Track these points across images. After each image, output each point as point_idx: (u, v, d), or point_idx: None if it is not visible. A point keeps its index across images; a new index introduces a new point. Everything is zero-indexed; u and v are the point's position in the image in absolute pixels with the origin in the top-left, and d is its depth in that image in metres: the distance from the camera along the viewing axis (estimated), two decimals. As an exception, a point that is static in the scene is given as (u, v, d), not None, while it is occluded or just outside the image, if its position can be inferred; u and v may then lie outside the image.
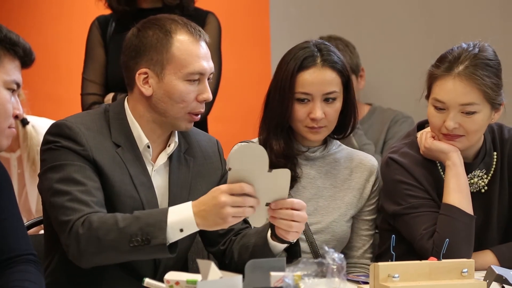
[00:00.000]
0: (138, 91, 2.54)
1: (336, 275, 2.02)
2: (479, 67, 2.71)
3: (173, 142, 2.59)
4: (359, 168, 2.92)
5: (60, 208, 2.42)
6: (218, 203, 2.30)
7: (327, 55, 2.80)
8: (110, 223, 2.37)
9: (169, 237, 2.33)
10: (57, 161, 2.47)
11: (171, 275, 2.22)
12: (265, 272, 2.15)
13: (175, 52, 2.50)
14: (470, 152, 2.85)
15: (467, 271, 2.33)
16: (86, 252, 2.37)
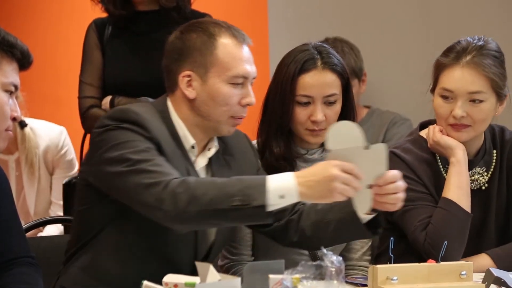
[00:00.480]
0: (181, 93, 2.53)
1: (334, 278, 2.02)
2: (486, 56, 2.77)
3: (213, 146, 2.58)
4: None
5: (141, 172, 2.36)
6: (329, 175, 2.29)
7: (327, 57, 2.80)
8: (208, 182, 2.35)
9: (269, 202, 2.30)
10: (121, 139, 2.43)
11: (169, 277, 2.21)
12: (264, 275, 2.15)
13: (219, 54, 2.50)
14: (472, 149, 2.86)
15: (466, 274, 2.33)
16: (185, 212, 2.32)
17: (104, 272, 2.48)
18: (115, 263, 2.48)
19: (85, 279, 2.49)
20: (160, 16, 3.52)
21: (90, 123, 3.56)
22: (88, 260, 2.51)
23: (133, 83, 3.51)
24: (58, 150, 3.94)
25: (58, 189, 3.87)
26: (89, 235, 2.52)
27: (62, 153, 3.95)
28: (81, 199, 2.54)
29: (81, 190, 2.54)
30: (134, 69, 3.53)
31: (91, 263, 2.50)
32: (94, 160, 2.47)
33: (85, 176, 2.52)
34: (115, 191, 2.44)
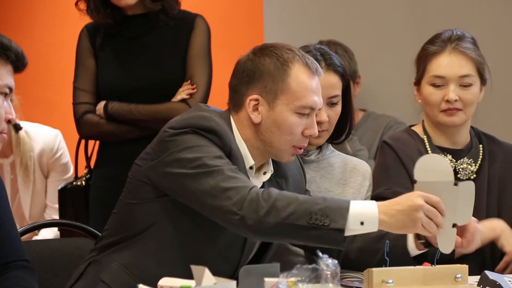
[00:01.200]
0: (246, 116, 2.52)
1: (330, 281, 2.01)
2: (468, 43, 2.92)
3: (268, 170, 2.57)
4: (353, 173, 2.93)
5: (219, 175, 2.36)
6: (414, 204, 2.28)
7: (330, 59, 2.83)
8: (290, 196, 2.34)
9: (348, 226, 2.29)
10: (197, 143, 2.42)
11: (164, 281, 2.21)
12: (259, 278, 2.15)
13: (291, 83, 2.48)
14: (460, 143, 2.94)
15: (461, 277, 2.33)
16: (264, 221, 2.31)
17: (144, 272, 2.46)
18: (157, 264, 2.47)
19: (126, 277, 2.48)
20: (149, 19, 3.50)
21: (85, 129, 3.55)
22: (131, 257, 2.49)
23: (126, 89, 3.50)
24: (53, 153, 3.93)
25: (53, 192, 3.87)
26: (134, 231, 2.50)
27: (57, 156, 3.94)
28: (133, 193, 2.52)
29: (134, 184, 2.52)
30: (127, 74, 3.51)
31: (134, 260, 2.49)
32: (161, 158, 2.45)
33: (145, 171, 2.49)
34: (181, 192, 2.42)
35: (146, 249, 2.48)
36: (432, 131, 2.96)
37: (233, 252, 2.51)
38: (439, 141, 2.94)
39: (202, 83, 3.50)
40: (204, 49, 3.53)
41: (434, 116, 2.91)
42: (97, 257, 2.54)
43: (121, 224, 2.54)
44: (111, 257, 2.51)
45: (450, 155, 2.92)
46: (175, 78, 3.50)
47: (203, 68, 3.51)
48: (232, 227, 2.38)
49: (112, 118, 3.48)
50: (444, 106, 2.88)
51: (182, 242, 2.48)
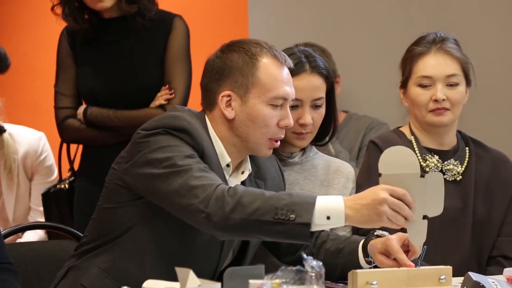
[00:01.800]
0: (220, 113, 2.52)
1: (314, 283, 2.02)
2: (452, 44, 2.95)
3: (246, 169, 2.57)
4: (337, 175, 2.93)
5: (186, 174, 2.35)
6: (378, 198, 2.27)
7: (314, 61, 2.83)
8: (256, 192, 2.34)
9: (314, 221, 2.29)
10: (167, 143, 2.42)
11: (149, 283, 2.20)
12: (244, 280, 2.15)
13: (260, 75, 2.49)
14: (448, 141, 2.97)
15: (445, 278, 2.34)
16: (229, 218, 2.30)
17: (125, 275, 2.46)
18: (137, 267, 2.46)
19: (106, 281, 2.47)
20: (126, 22, 3.46)
21: (66, 134, 3.54)
22: (110, 261, 2.49)
23: (105, 94, 3.47)
24: (38, 155, 3.92)
25: (37, 195, 3.85)
26: (112, 235, 2.50)
27: (42, 159, 3.93)
28: (109, 198, 2.53)
29: (111, 188, 2.52)
30: (106, 79, 3.48)
31: (113, 264, 2.49)
32: (134, 160, 2.45)
33: (120, 175, 2.50)
34: (153, 193, 2.42)
35: (125, 252, 2.48)
36: (419, 133, 2.97)
37: (212, 250, 2.51)
38: (426, 142, 2.96)
39: (180, 88, 3.46)
40: (182, 52, 3.49)
41: (423, 116, 2.92)
42: (76, 263, 2.54)
43: (99, 229, 2.54)
44: (90, 262, 2.51)
45: (437, 156, 2.94)
46: (154, 83, 3.46)
47: (181, 72, 3.48)
48: (200, 225, 2.37)
49: (91, 123, 3.46)
50: (432, 106, 2.90)
51: (160, 244, 2.47)
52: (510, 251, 2.93)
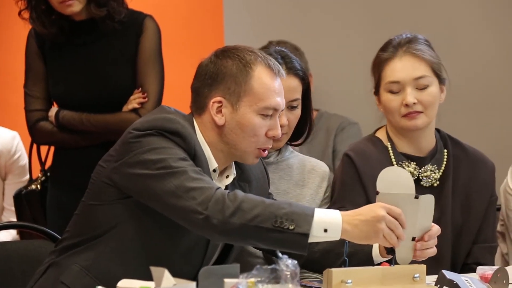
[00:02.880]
0: (210, 118, 2.51)
1: (289, 281, 2.02)
2: (419, 44, 2.91)
3: (231, 173, 2.57)
4: (312, 174, 2.94)
5: (183, 176, 2.36)
6: (376, 215, 2.30)
7: (290, 62, 2.83)
8: (256, 199, 2.34)
9: (312, 232, 2.30)
10: (161, 145, 2.41)
11: (123, 282, 2.20)
12: (219, 279, 2.15)
13: (253, 85, 2.48)
14: (424, 147, 2.94)
15: (419, 276, 2.35)
16: (229, 222, 2.31)
17: (106, 274, 2.44)
18: (120, 266, 2.45)
19: (87, 279, 2.46)
20: (96, 25, 3.40)
21: (38, 137, 3.49)
22: (92, 259, 2.47)
23: (76, 98, 3.43)
24: (11, 155, 3.89)
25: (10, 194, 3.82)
26: (96, 232, 2.49)
27: (15, 158, 3.90)
28: (95, 195, 2.51)
29: (97, 186, 2.50)
30: (76, 83, 3.42)
31: (95, 262, 2.47)
32: (125, 160, 2.44)
33: (108, 173, 2.48)
34: (144, 193, 2.41)
35: (108, 251, 2.47)
36: (395, 138, 2.94)
37: (196, 254, 2.51)
38: (403, 147, 2.93)
39: (153, 91, 3.42)
40: (154, 53, 3.44)
41: (396, 122, 2.90)
42: (57, 259, 2.52)
43: (83, 225, 2.52)
44: (71, 259, 2.49)
45: (414, 163, 2.91)
46: (126, 86, 3.41)
47: (153, 74, 3.43)
48: (196, 227, 2.37)
49: (63, 127, 3.43)
50: (404, 110, 2.87)
51: (145, 244, 2.47)
52: (484, 258, 2.93)
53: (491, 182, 2.98)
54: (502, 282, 2.43)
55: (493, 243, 2.98)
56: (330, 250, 2.59)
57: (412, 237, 2.38)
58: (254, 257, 2.83)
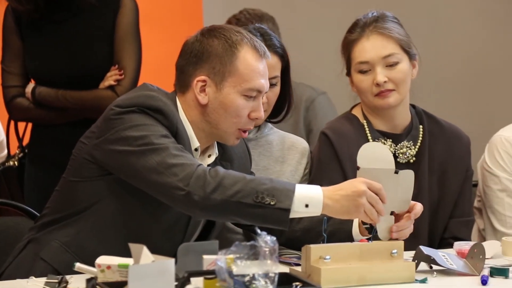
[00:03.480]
0: (193, 97, 2.50)
1: (268, 258, 2.02)
2: (386, 22, 2.91)
3: (213, 153, 2.57)
4: (291, 151, 2.94)
5: (164, 152, 2.35)
6: (357, 190, 2.31)
7: (270, 40, 2.83)
8: (237, 175, 2.35)
9: (293, 207, 2.31)
10: (143, 122, 2.41)
11: (102, 259, 2.20)
12: (198, 255, 2.15)
13: (239, 65, 2.48)
14: (400, 124, 2.95)
15: (397, 252, 2.36)
16: (210, 198, 2.31)
17: (86, 250, 2.44)
18: (99, 242, 2.45)
19: (67, 255, 2.46)
20: (74, 1, 3.35)
21: (15, 113, 3.48)
22: (72, 235, 2.47)
23: (53, 74, 3.40)
24: (-12, 131, 3.86)
25: (-12, 171, 3.80)
26: (76, 209, 2.48)
27: (-7, 135, 3.87)
28: (76, 171, 2.50)
29: (79, 162, 2.50)
30: (53, 60, 3.39)
31: (75, 238, 2.47)
32: (107, 136, 2.43)
33: (89, 149, 2.47)
34: (125, 169, 2.41)
35: (88, 227, 2.47)
36: (370, 116, 2.95)
37: (176, 232, 2.51)
38: (378, 124, 2.94)
39: (130, 68, 3.39)
40: (131, 30, 3.41)
41: (369, 101, 2.91)
42: (37, 235, 2.52)
43: (64, 201, 2.52)
44: (51, 235, 2.49)
45: (390, 140, 2.93)
46: (103, 63, 3.39)
47: (130, 51, 3.40)
48: (177, 203, 2.37)
49: (39, 103, 3.41)
50: (376, 90, 2.87)
51: (125, 221, 2.47)
52: (461, 232, 2.95)
53: (467, 157, 3.00)
54: (478, 257, 2.45)
55: (470, 217, 3.00)
56: (311, 229, 2.60)
57: (391, 211, 2.39)
58: (233, 233, 2.84)
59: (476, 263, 2.44)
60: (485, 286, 2.31)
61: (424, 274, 2.39)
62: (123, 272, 2.15)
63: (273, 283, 2.02)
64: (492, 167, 3.07)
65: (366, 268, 2.31)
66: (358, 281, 2.30)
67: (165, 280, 1.96)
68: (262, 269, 2.02)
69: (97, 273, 2.18)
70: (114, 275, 2.17)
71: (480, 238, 3.12)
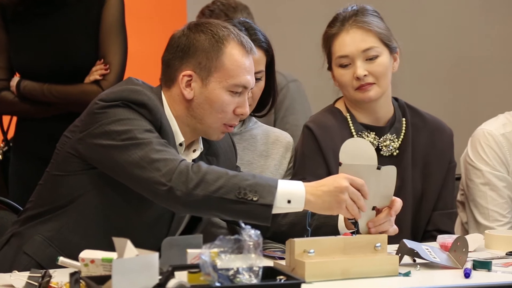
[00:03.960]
0: (178, 91, 2.50)
1: (252, 252, 2.03)
2: (366, 16, 2.91)
3: (198, 148, 2.57)
4: (276, 145, 2.95)
5: (147, 147, 2.35)
6: (339, 186, 2.31)
7: (255, 34, 2.83)
8: (220, 171, 2.34)
9: (275, 203, 2.31)
10: (127, 116, 2.40)
11: (86, 253, 2.19)
12: (182, 249, 2.16)
13: (225, 61, 2.48)
14: (383, 117, 2.95)
15: (380, 246, 2.37)
16: (192, 194, 2.31)
17: (69, 245, 2.44)
18: (82, 237, 2.45)
19: (50, 250, 2.46)
20: None
21: (0, 106, 3.47)
22: (56, 230, 2.47)
23: (38, 68, 3.39)
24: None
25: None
26: (59, 203, 2.48)
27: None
28: (60, 165, 2.50)
29: (62, 156, 2.49)
30: (38, 54, 3.37)
31: (58, 233, 2.47)
32: (90, 130, 2.43)
33: (73, 143, 2.47)
34: (109, 163, 2.41)
35: (72, 222, 2.47)
36: (353, 110, 2.95)
37: (160, 227, 2.51)
38: (361, 118, 2.94)
39: (116, 63, 3.39)
40: (117, 24, 3.40)
41: (351, 95, 2.91)
42: (20, 229, 2.51)
43: (47, 196, 2.51)
44: (34, 229, 2.48)
45: (373, 133, 2.93)
46: (88, 57, 3.38)
47: (116, 45, 3.40)
48: (160, 198, 2.37)
49: (24, 97, 3.40)
50: (356, 83, 2.88)
51: (109, 216, 2.47)
52: (444, 224, 2.96)
53: (450, 149, 3.01)
54: (461, 250, 2.46)
55: (453, 209, 3.02)
56: (297, 223, 2.61)
57: (372, 206, 2.40)
58: (217, 227, 2.84)
59: (459, 256, 2.45)
60: (468, 279, 2.33)
61: (407, 268, 2.40)
62: (107, 266, 2.15)
63: (257, 277, 2.02)
64: (474, 161, 3.08)
65: (350, 262, 2.32)
66: (342, 275, 2.30)
67: (149, 274, 1.96)
68: (246, 263, 2.02)
69: (80, 267, 2.18)
70: (97, 269, 2.16)
71: (463, 231, 3.14)
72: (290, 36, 4.67)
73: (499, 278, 2.37)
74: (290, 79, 4.01)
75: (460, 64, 4.97)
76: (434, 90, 4.90)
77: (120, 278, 1.93)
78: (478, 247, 2.68)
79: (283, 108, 3.76)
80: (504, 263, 2.49)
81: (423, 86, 4.83)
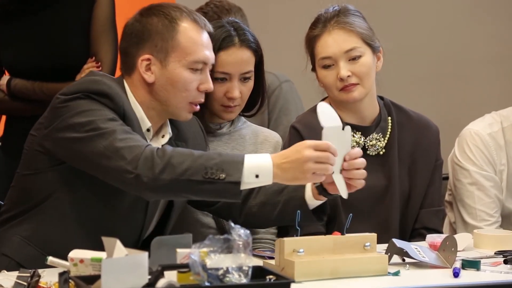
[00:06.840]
0: (139, 77, 2.50)
1: (242, 251, 2.03)
2: (348, 16, 2.91)
3: (167, 133, 2.56)
4: (264, 145, 2.95)
5: (111, 136, 2.34)
6: (301, 157, 2.30)
7: (243, 34, 2.83)
8: (185, 152, 2.34)
9: (243, 179, 2.30)
10: (89, 108, 2.40)
11: (75, 253, 2.19)
12: (171, 249, 2.15)
13: (180, 40, 2.48)
14: (368, 116, 2.95)
15: (370, 245, 2.37)
16: (159, 179, 2.30)
17: (48, 242, 2.44)
18: (60, 233, 2.45)
19: (29, 249, 2.45)
20: None
21: None
22: (32, 229, 2.47)
23: (29, 67, 3.38)
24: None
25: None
26: (33, 202, 2.48)
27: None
28: (28, 164, 2.49)
29: (30, 155, 2.49)
30: (29, 52, 3.36)
31: (35, 232, 2.46)
32: (55, 125, 2.42)
33: (39, 140, 2.47)
34: (76, 156, 2.40)
35: (47, 219, 2.47)
36: (339, 110, 2.94)
37: (136, 215, 2.51)
38: (347, 118, 2.93)
39: (107, 60, 3.38)
40: (108, 22, 3.41)
41: (335, 96, 2.91)
42: None
43: (19, 196, 2.51)
44: (11, 231, 2.49)
45: (359, 133, 2.93)
46: (79, 55, 3.38)
47: (107, 43, 3.39)
48: (128, 186, 2.37)
49: (15, 96, 3.39)
50: (340, 84, 2.87)
51: (82, 210, 2.47)
52: (431, 222, 2.96)
53: (436, 146, 3.01)
54: (450, 250, 2.46)
55: (440, 207, 3.02)
56: (266, 203, 2.61)
57: (340, 169, 2.41)
58: (207, 227, 2.84)
59: (448, 256, 2.46)
60: (457, 279, 2.33)
61: (397, 267, 2.40)
62: (96, 266, 2.14)
63: (246, 276, 2.02)
64: (462, 161, 3.09)
65: (339, 261, 2.32)
66: (331, 274, 2.31)
67: (139, 274, 1.96)
68: (236, 262, 2.02)
69: (70, 267, 2.17)
70: (87, 269, 2.16)
71: (452, 231, 3.15)
72: (282, 36, 4.66)
73: (488, 277, 2.38)
74: (283, 80, 4.00)
75: (447, 64, 4.99)
76: (421, 90, 4.91)
77: (110, 277, 1.93)
78: (467, 246, 2.69)
79: (276, 109, 3.75)
80: (492, 263, 2.50)
81: (411, 85, 4.84)
